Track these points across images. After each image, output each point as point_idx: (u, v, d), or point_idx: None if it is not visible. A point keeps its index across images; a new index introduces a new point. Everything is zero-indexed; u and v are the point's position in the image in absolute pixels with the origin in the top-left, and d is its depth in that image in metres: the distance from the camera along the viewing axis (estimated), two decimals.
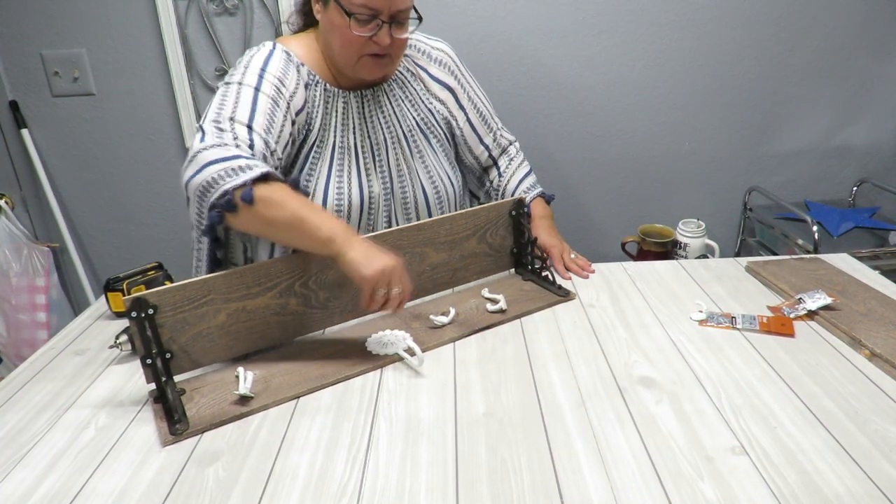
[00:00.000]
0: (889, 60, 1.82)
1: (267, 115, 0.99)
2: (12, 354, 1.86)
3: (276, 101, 1.01)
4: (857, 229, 1.70)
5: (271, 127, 0.99)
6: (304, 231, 0.86)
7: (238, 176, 0.87)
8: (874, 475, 0.65)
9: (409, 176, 1.16)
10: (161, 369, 0.80)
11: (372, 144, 1.14)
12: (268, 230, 0.91)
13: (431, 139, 1.19)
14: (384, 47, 1.03)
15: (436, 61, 1.20)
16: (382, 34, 1.01)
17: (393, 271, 0.85)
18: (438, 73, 1.20)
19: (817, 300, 0.97)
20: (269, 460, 0.71)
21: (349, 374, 0.87)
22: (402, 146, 1.16)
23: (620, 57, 1.79)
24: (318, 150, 1.10)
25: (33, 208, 1.95)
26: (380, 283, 0.85)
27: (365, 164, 1.13)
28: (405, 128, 1.16)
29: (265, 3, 1.73)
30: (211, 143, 0.92)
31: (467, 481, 0.66)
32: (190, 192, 0.91)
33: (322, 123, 1.10)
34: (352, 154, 1.12)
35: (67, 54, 1.76)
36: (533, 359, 0.89)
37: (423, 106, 1.19)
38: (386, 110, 1.15)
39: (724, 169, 1.94)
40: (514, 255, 1.15)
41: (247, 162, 0.89)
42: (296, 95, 1.05)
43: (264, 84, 1.01)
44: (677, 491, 0.64)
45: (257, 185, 0.87)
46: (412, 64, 1.19)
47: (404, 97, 1.17)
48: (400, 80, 1.17)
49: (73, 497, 0.67)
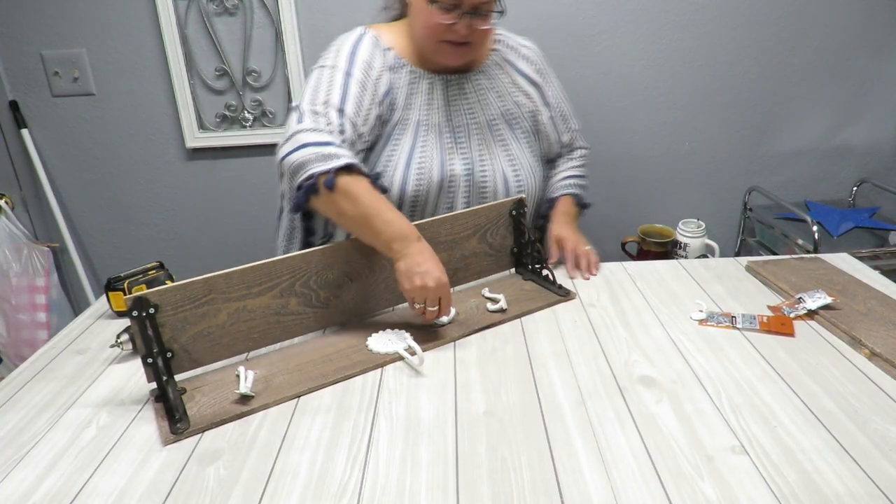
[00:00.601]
0: (889, 60, 1.82)
1: (356, 99, 1.07)
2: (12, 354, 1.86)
3: (364, 85, 1.08)
4: (857, 229, 1.71)
5: (359, 110, 1.07)
6: (368, 230, 0.93)
7: (326, 162, 0.94)
8: (874, 475, 0.65)
9: (490, 161, 1.18)
10: (162, 368, 0.80)
11: (454, 126, 1.17)
12: (340, 219, 0.97)
13: (516, 130, 1.21)
14: (463, 36, 1.06)
15: (524, 57, 1.23)
16: (462, 23, 1.05)
17: (431, 290, 0.89)
18: (526, 69, 1.23)
19: (817, 300, 0.97)
20: (269, 459, 0.71)
21: (349, 374, 0.87)
22: (485, 132, 1.18)
23: (620, 57, 1.79)
24: (402, 127, 1.14)
25: (33, 208, 1.95)
26: (416, 298, 0.91)
27: (447, 144, 1.16)
28: (488, 116, 1.19)
29: (265, 3, 1.73)
30: (308, 127, 1.00)
31: (468, 480, 0.66)
32: (284, 167, 0.98)
33: (406, 103, 1.14)
34: (435, 132, 1.15)
35: (67, 54, 1.76)
36: (533, 358, 0.89)
37: (508, 97, 1.21)
38: (471, 98, 1.18)
39: (724, 169, 1.94)
40: (515, 254, 1.15)
41: (336, 150, 0.96)
42: (381, 79, 1.11)
43: (354, 68, 1.08)
44: (677, 490, 0.64)
45: (340, 175, 0.93)
46: (500, 57, 1.21)
47: (490, 87, 1.20)
48: (487, 71, 1.20)
49: (73, 496, 0.67)
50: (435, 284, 0.89)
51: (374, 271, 0.99)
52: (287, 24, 1.74)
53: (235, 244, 2.03)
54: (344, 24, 1.77)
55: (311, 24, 1.76)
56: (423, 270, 0.89)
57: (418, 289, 0.89)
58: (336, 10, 1.75)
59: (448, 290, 0.92)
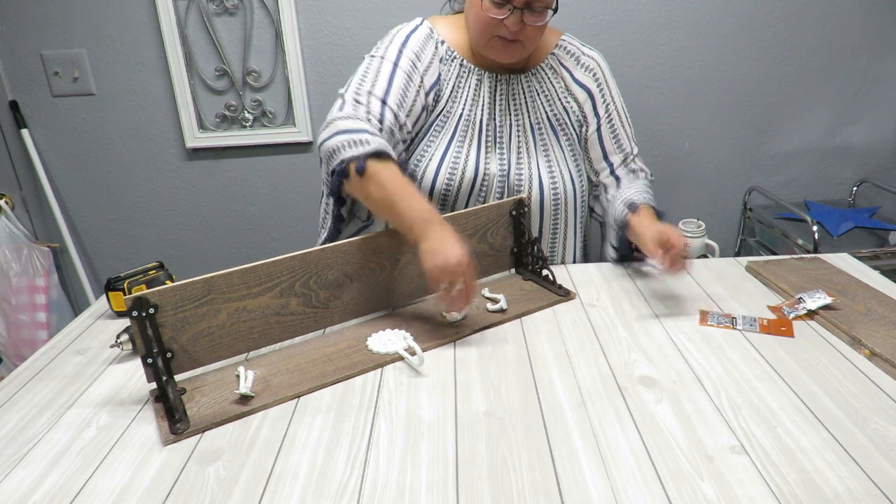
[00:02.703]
0: (889, 60, 1.82)
1: (401, 90, 1.09)
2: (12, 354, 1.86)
3: (411, 76, 1.11)
4: (857, 229, 1.71)
5: (404, 101, 1.10)
6: (393, 213, 0.94)
7: (357, 148, 0.97)
8: (874, 474, 0.65)
9: (528, 164, 1.17)
10: (162, 368, 0.80)
11: (497, 125, 1.16)
12: (367, 202, 0.99)
13: (560, 136, 1.20)
14: (514, 32, 1.06)
15: (583, 66, 1.21)
16: (513, 19, 1.05)
17: (455, 268, 0.88)
18: (581, 77, 1.21)
19: (817, 300, 0.97)
20: (269, 459, 0.71)
21: (349, 374, 0.87)
22: (527, 135, 1.18)
23: (620, 57, 1.79)
24: (444, 119, 1.15)
25: (33, 208, 1.95)
26: (441, 277, 0.89)
27: (486, 142, 1.15)
28: (534, 119, 1.18)
29: (265, 3, 1.73)
30: (346, 115, 1.04)
31: (468, 480, 0.66)
32: (322, 152, 1.02)
33: (452, 95, 1.16)
34: (476, 128, 1.15)
35: (67, 54, 1.76)
36: (533, 358, 0.89)
37: (558, 102, 1.19)
38: (518, 99, 1.18)
39: (724, 169, 1.94)
40: (515, 254, 1.15)
41: (368, 137, 0.99)
42: (430, 69, 1.14)
43: (402, 59, 1.11)
44: (677, 490, 0.64)
45: (371, 161, 0.95)
46: (556, 62, 1.20)
47: (540, 90, 1.19)
48: (539, 74, 1.19)
49: (74, 496, 0.67)
50: (456, 261, 0.88)
51: (373, 271, 0.99)
52: (287, 24, 1.74)
53: (235, 244, 2.03)
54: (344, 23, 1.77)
55: (311, 24, 1.76)
56: (444, 249, 0.89)
57: (441, 267, 0.88)
58: (336, 10, 1.75)
59: (471, 270, 0.90)
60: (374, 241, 0.97)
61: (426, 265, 0.90)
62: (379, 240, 0.98)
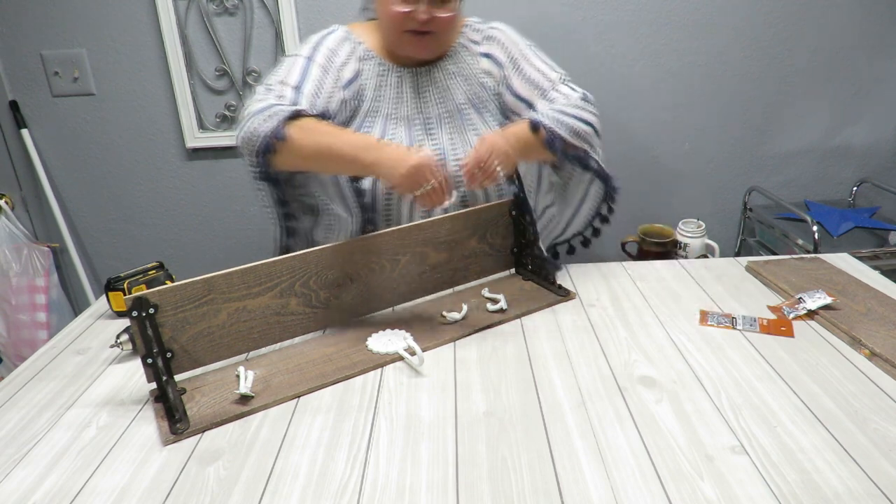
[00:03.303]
0: (889, 60, 1.82)
1: (316, 80, 1.06)
2: (12, 354, 1.86)
3: (326, 69, 1.08)
4: (857, 229, 1.70)
5: (319, 91, 1.05)
6: (334, 157, 0.92)
7: (271, 120, 0.94)
8: (874, 474, 0.65)
9: (463, 148, 1.15)
10: (162, 368, 0.80)
11: (424, 119, 1.15)
12: (305, 163, 0.96)
13: (484, 114, 1.19)
14: (423, 23, 1.04)
15: (489, 38, 1.20)
16: (421, 10, 1.03)
17: (421, 168, 0.87)
18: (489, 49, 1.19)
19: (817, 300, 0.97)
20: (269, 459, 0.71)
21: (349, 374, 0.87)
22: (455, 121, 1.16)
23: (620, 57, 1.79)
24: (371, 121, 1.13)
25: (33, 208, 1.95)
26: (412, 184, 0.88)
27: (417, 136, 1.14)
28: (458, 102, 1.17)
29: (265, 3, 1.73)
30: (255, 104, 1.00)
31: (468, 480, 0.66)
32: (241, 145, 0.99)
33: (374, 95, 1.13)
34: (404, 124, 1.14)
35: (67, 54, 1.76)
36: (533, 358, 0.89)
37: (474, 80, 1.18)
38: (440, 85, 1.17)
39: (724, 169, 1.94)
40: (515, 254, 1.15)
41: (280, 108, 0.96)
42: (346, 66, 1.11)
43: (317, 54, 1.09)
44: (677, 490, 0.64)
45: (289, 124, 0.93)
46: (466, 40, 1.20)
47: (457, 72, 1.18)
48: (453, 57, 1.18)
49: (74, 496, 0.67)
50: (418, 162, 0.88)
51: (374, 271, 0.99)
52: (287, 24, 1.74)
53: (235, 244, 2.03)
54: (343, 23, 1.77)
55: (310, 25, 1.76)
56: (399, 157, 0.89)
57: (407, 176, 0.87)
58: (336, 10, 1.75)
59: (436, 164, 0.90)
60: (374, 241, 0.97)
61: (392, 181, 0.89)
62: (379, 240, 0.98)
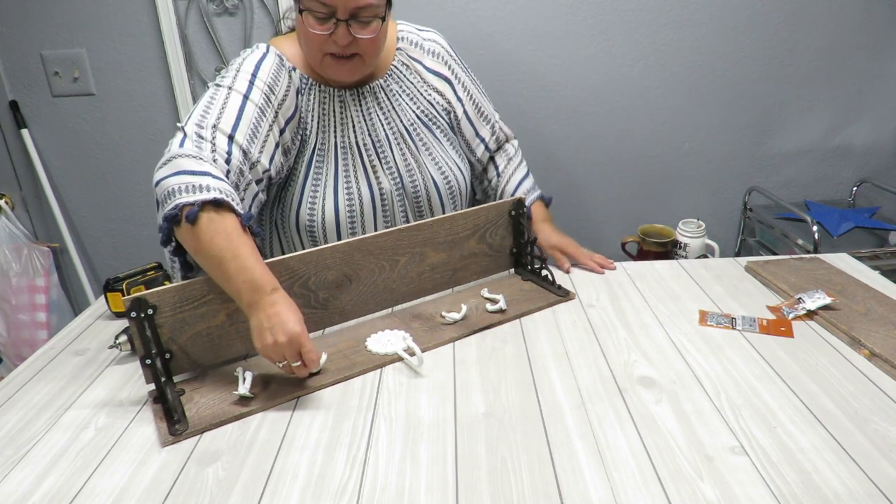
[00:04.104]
0: (889, 60, 1.82)
1: (252, 124, 0.97)
2: (12, 354, 1.86)
3: (264, 111, 0.99)
4: (857, 229, 1.70)
5: (255, 136, 0.97)
6: (221, 274, 0.82)
7: (195, 194, 0.83)
8: (873, 475, 0.65)
9: (418, 170, 1.13)
10: (160, 369, 0.80)
11: (374, 142, 1.11)
12: (198, 258, 0.85)
13: (436, 131, 1.17)
14: (344, 47, 0.99)
15: (429, 52, 1.17)
16: (340, 33, 0.97)
17: (285, 345, 0.78)
18: (433, 65, 1.17)
19: (817, 300, 0.97)
20: (269, 460, 0.71)
21: (349, 374, 0.87)
22: (406, 141, 1.13)
23: (620, 57, 1.79)
24: (321, 153, 1.09)
25: (33, 208, 1.95)
26: (273, 356, 0.80)
27: (371, 162, 1.10)
28: (406, 122, 1.14)
29: (265, 3, 1.73)
30: (188, 152, 0.89)
31: (467, 481, 0.66)
32: (158, 193, 0.88)
33: (320, 126, 1.08)
34: (355, 152, 1.10)
35: (67, 54, 1.76)
36: (533, 359, 0.89)
37: (422, 98, 1.16)
38: (384, 106, 1.12)
39: (724, 169, 1.94)
40: (514, 255, 1.15)
41: (210, 182, 0.85)
42: (285, 102, 1.03)
43: (254, 91, 0.99)
44: (677, 491, 0.64)
45: (207, 209, 0.82)
46: (406, 57, 1.15)
47: (401, 91, 1.14)
48: (395, 75, 1.14)
49: (72, 497, 0.67)
50: (287, 338, 0.77)
51: (373, 272, 0.99)
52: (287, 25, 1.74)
53: None
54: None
55: None
56: (272, 325, 0.78)
57: (270, 346, 0.78)
58: None
59: (306, 340, 0.79)
60: (373, 241, 0.97)
61: (256, 345, 0.80)
62: (378, 240, 0.98)
